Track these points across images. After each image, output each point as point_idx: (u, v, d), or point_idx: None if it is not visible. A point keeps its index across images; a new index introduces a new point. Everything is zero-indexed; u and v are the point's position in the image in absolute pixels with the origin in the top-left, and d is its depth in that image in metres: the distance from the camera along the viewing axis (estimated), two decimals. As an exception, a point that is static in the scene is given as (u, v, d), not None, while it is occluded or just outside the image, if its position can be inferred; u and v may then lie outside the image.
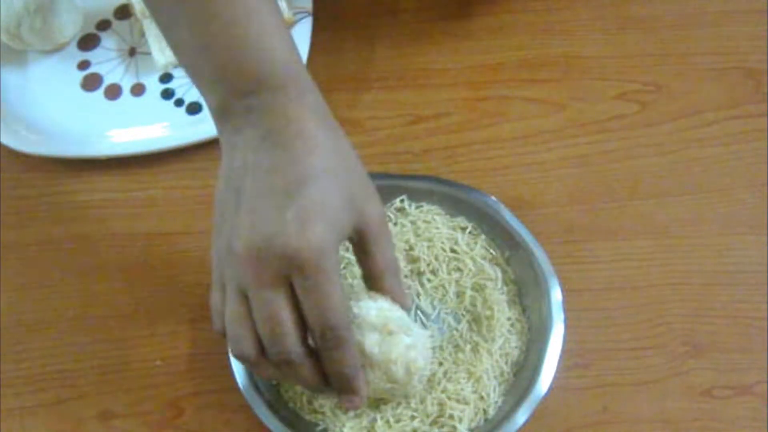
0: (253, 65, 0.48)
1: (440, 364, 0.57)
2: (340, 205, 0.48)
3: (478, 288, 0.60)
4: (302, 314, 0.47)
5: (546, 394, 0.55)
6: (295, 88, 0.49)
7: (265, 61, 0.48)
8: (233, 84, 0.48)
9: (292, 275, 0.46)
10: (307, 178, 0.47)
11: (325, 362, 0.49)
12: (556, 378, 0.55)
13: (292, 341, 0.47)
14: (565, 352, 0.56)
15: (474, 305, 0.59)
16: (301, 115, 0.48)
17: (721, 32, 0.73)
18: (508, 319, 0.59)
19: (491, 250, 0.61)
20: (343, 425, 0.55)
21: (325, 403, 0.55)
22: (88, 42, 0.75)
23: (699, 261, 0.63)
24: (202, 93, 0.51)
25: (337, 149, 0.49)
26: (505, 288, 0.60)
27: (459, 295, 0.60)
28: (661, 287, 0.62)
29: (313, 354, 0.49)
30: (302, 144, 0.47)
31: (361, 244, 0.50)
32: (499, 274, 0.60)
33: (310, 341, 0.49)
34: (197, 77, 0.51)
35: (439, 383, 0.56)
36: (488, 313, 0.58)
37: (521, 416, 0.54)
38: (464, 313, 0.59)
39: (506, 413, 0.55)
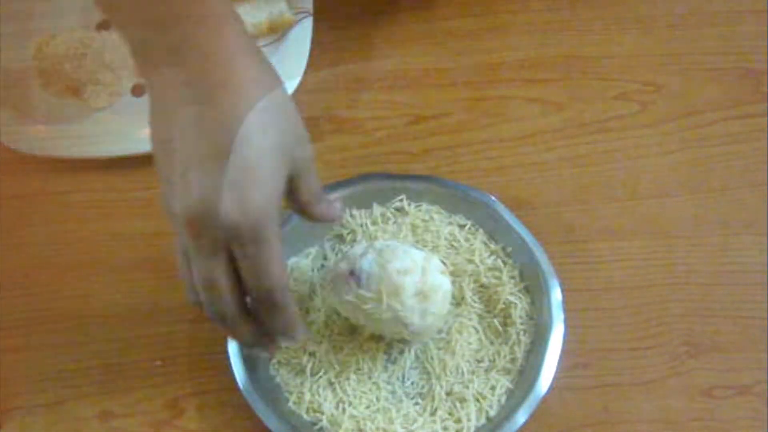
0: None
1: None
2: (273, 164, 0.46)
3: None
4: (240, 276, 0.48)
5: (546, 394, 0.55)
6: (215, 18, 0.46)
7: None
8: (152, 13, 0.45)
9: (230, 243, 0.46)
10: (236, 140, 0.45)
11: (264, 321, 0.50)
12: (556, 378, 0.55)
13: (227, 303, 0.48)
14: (565, 352, 0.56)
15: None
16: (224, 54, 0.45)
17: (721, 32, 0.73)
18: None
19: (491, 245, 0.61)
20: (339, 427, 0.55)
21: (324, 403, 0.56)
22: (88, 42, 0.75)
23: (699, 261, 0.63)
24: (122, 30, 0.48)
25: (264, 92, 0.46)
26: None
27: (459, 295, 0.60)
28: (661, 287, 0.62)
29: (250, 313, 0.50)
30: (226, 96, 0.45)
31: (289, 183, 0.50)
32: (502, 267, 0.60)
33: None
34: (116, 12, 0.48)
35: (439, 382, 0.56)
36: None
37: (521, 416, 0.54)
38: (464, 313, 0.59)
39: (506, 413, 0.55)
